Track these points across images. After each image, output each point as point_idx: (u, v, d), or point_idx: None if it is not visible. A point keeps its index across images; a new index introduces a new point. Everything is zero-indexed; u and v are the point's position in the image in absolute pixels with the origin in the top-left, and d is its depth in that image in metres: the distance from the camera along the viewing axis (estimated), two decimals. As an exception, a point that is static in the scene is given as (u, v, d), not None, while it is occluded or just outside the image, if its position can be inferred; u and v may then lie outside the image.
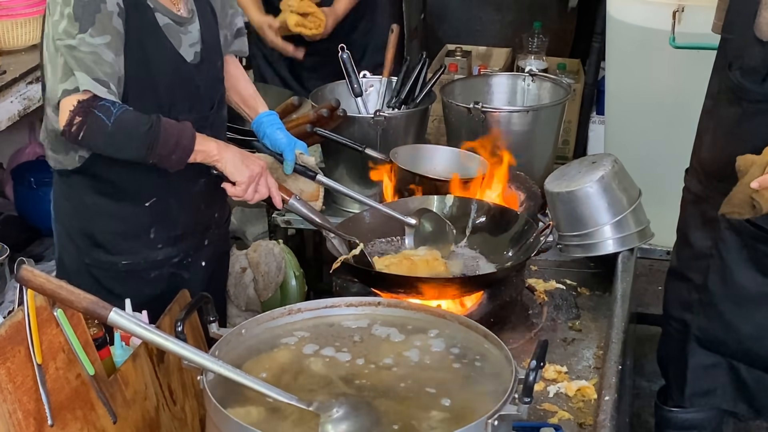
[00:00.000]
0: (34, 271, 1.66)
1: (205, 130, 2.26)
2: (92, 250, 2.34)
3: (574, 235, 2.63)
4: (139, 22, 2.15)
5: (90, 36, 2.07)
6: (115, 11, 2.11)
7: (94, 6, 2.08)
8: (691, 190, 2.54)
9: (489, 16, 5.38)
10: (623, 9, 3.05)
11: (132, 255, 2.34)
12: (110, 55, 2.09)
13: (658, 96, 3.01)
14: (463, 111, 3.04)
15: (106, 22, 2.09)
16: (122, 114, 2.10)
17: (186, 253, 2.40)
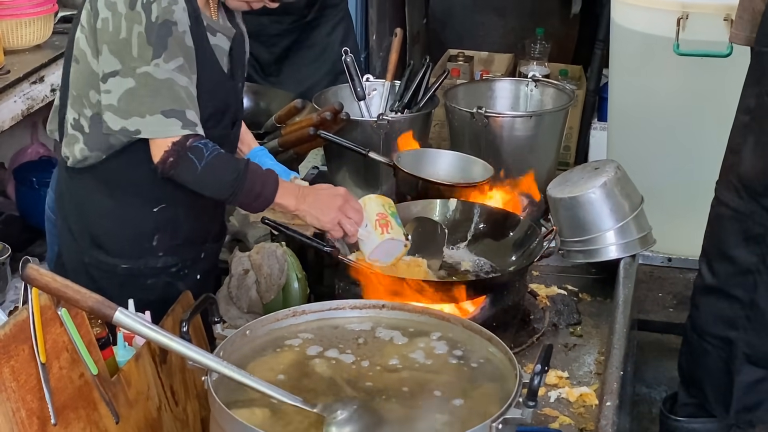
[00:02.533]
0: (40, 269, 1.66)
1: (224, 147, 2.28)
2: (93, 250, 2.34)
3: (576, 241, 2.63)
4: (198, 38, 2.16)
5: (164, 61, 2.07)
6: (187, 30, 2.11)
7: (165, 29, 2.07)
8: (729, 205, 2.52)
9: (492, 21, 5.39)
10: (627, 15, 3.05)
11: (132, 259, 2.34)
12: (184, 78, 2.10)
13: (661, 103, 3.01)
14: (467, 116, 3.04)
15: (179, 44, 2.09)
16: (213, 159, 2.13)
17: (184, 263, 2.40)
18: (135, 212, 2.29)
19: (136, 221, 2.30)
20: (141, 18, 2.06)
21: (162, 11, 2.06)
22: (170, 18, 2.07)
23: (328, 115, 2.89)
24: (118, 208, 2.29)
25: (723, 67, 2.82)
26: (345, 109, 2.95)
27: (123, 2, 2.08)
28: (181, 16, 2.09)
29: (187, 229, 2.36)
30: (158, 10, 2.06)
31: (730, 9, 2.78)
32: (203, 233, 2.43)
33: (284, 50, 3.82)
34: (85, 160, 2.25)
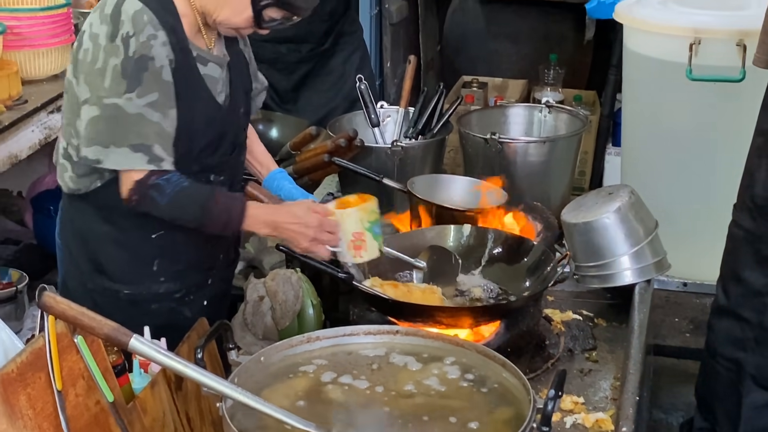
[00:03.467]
0: (57, 297, 1.68)
1: (224, 173, 2.33)
2: (96, 276, 2.36)
3: (591, 266, 2.63)
4: (184, 68, 2.18)
5: (137, 96, 2.11)
6: (165, 64, 2.13)
7: (141, 64, 2.10)
8: (743, 226, 2.52)
9: (505, 48, 5.41)
10: (640, 41, 3.06)
11: (134, 285, 2.36)
12: (156, 114, 2.13)
13: (674, 127, 3.01)
14: (480, 141, 3.05)
15: (155, 80, 2.12)
16: (176, 195, 2.17)
17: (188, 289, 2.42)
18: (133, 238, 2.32)
19: (135, 247, 2.33)
20: (119, 51, 2.10)
21: (140, 46, 2.09)
22: (148, 53, 2.10)
23: (342, 142, 2.91)
24: (117, 234, 2.32)
25: (736, 92, 2.82)
26: (359, 136, 2.97)
27: (104, 35, 2.11)
28: (160, 50, 2.12)
29: (189, 255, 2.38)
30: (136, 45, 2.09)
31: (743, 34, 2.79)
32: (209, 259, 2.44)
33: (301, 78, 3.85)
34: (78, 189, 2.28)
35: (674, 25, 2.91)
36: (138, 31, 2.09)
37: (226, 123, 2.32)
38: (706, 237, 2.92)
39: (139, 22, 2.10)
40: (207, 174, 2.31)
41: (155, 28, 2.11)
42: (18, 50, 3.07)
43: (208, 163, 2.28)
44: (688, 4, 2.98)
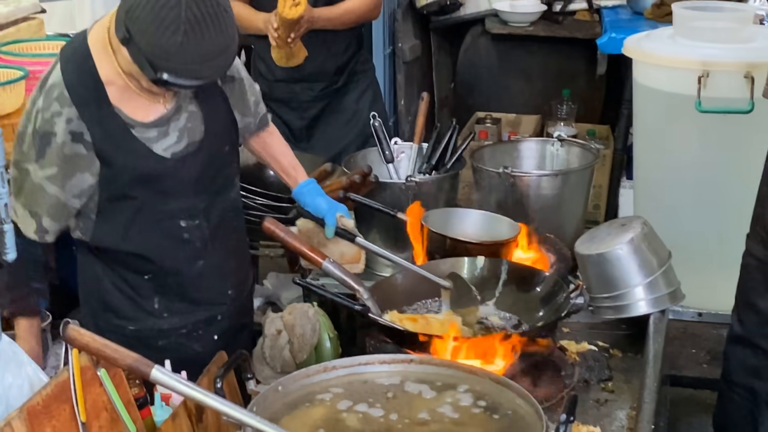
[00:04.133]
0: (80, 330, 1.72)
1: (200, 218, 2.37)
2: (104, 314, 2.42)
3: (605, 297, 2.64)
4: (110, 135, 2.24)
5: (40, 167, 2.23)
6: (68, 140, 2.21)
7: (45, 139, 2.21)
8: (755, 255, 2.55)
9: (518, 84, 5.47)
10: (649, 75, 3.10)
11: (138, 321, 2.41)
12: (53, 187, 2.24)
13: (685, 159, 3.05)
14: (493, 175, 3.09)
15: (55, 155, 2.21)
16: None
17: (195, 325, 2.45)
18: (129, 278, 2.38)
19: (134, 286, 2.39)
20: (32, 121, 2.21)
21: (43, 122, 2.19)
22: (50, 129, 2.19)
23: (357, 178, 2.95)
24: (114, 274, 2.39)
25: (745, 123, 2.86)
26: (374, 172, 3.01)
27: (31, 100, 2.24)
28: (63, 127, 2.19)
29: (189, 294, 2.42)
30: (41, 121, 2.19)
31: (751, 66, 2.83)
32: (216, 297, 2.47)
33: (315, 116, 3.91)
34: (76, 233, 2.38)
35: (683, 58, 2.95)
36: (45, 107, 2.19)
37: (183, 171, 2.33)
38: (720, 267, 2.94)
39: (49, 98, 2.19)
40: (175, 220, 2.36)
41: (62, 105, 2.18)
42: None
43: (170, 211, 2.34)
44: (695, 38, 3.02)
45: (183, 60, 2.06)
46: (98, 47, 2.23)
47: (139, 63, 2.10)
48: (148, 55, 2.07)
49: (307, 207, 2.61)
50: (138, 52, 2.08)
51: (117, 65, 2.20)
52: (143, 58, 2.08)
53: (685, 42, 3.03)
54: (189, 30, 2.03)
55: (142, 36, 2.06)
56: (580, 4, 5.16)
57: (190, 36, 2.03)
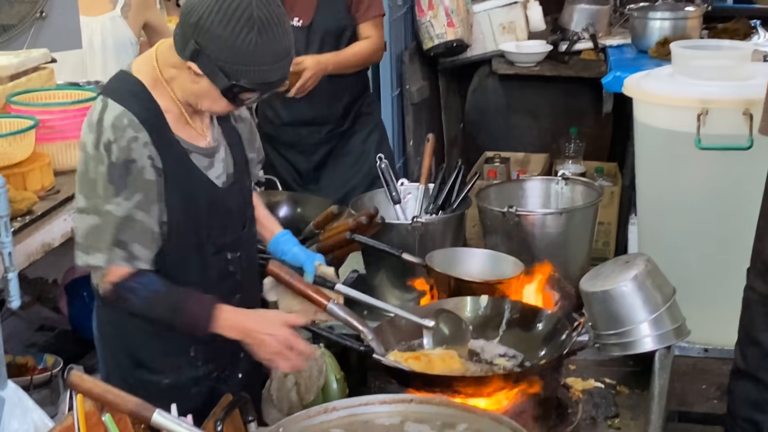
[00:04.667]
0: (83, 375, 1.75)
1: (240, 249, 2.42)
2: (135, 371, 2.41)
3: (610, 334, 2.65)
4: (175, 160, 2.28)
5: (124, 199, 2.21)
6: (147, 164, 2.22)
7: (126, 168, 2.20)
8: (756, 289, 2.56)
9: (526, 123, 5.52)
10: (649, 113, 3.13)
11: (174, 374, 2.41)
12: (140, 213, 2.23)
13: (686, 195, 3.06)
14: (498, 215, 3.11)
15: (138, 181, 2.22)
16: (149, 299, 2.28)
17: (224, 366, 2.47)
18: (166, 332, 2.36)
19: (170, 339, 2.38)
20: (103, 159, 2.19)
21: (121, 151, 2.19)
22: (129, 157, 2.19)
23: (363, 220, 2.98)
24: (151, 329, 2.37)
25: (745, 159, 2.88)
26: (381, 213, 3.04)
27: (90, 143, 2.22)
28: (142, 151, 2.21)
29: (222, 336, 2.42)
30: (118, 151, 2.19)
31: (749, 103, 2.85)
32: None
33: (322, 159, 3.96)
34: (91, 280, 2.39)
35: (682, 96, 2.97)
36: (118, 137, 2.19)
37: (230, 202, 2.40)
38: (724, 302, 2.94)
39: (119, 127, 2.19)
40: (224, 253, 2.39)
41: (136, 130, 2.20)
42: (50, 143, 3.18)
43: (222, 243, 2.36)
44: (694, 76, 3.05)
45: (257, 60, 2.12)
46: (148, 81, 2.28)
47: (210, 74, 2.15)
48: (222, 61, 2.13)
49: (285, 257, 2.63)
50: (210, 62, 2.14)
51: (172, 94, 2.27)
52: (216, 67, 2.14)
53: (684, 80, 3.06)
54: (261, 29, 2.10)
55: (216, 42, 2.11)
56: (586, 43, 5.21)
57: (263, 34, 2.10)
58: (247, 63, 2.12)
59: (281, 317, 2.35)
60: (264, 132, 4.01)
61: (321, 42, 3.76)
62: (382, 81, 4.93)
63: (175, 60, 2.24)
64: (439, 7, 5.02)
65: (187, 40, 2.15)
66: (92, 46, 4.32)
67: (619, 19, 5.40)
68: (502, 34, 5.26)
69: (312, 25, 3.76)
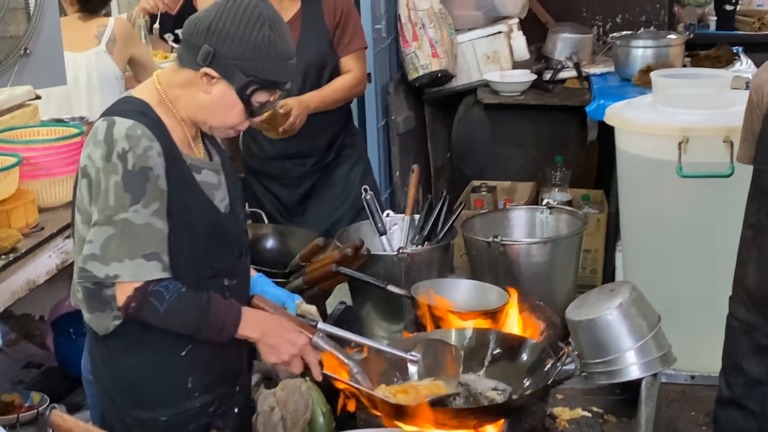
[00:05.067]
0: (64, 415, 1.75)
1: (237, 277, 2.40)
2: (132, 409, 2.38)
3: (597, 362, 2.65)
4: (179, 178, 2.26)
5: (143, 207, 2.18)
6: (162, 174, 2.21)
7: (143, 175, 2.18)
8: (738, 318, 2.57)
9: (512, 152, 5.54)
10: (631, 142, 3.16)
11: (171, 407, 2.38)
12: (160, 222, 2.21)
13: (669, 223, 3.08)
14: (483, 245, 3.13)
15: (155, 189, 2.20)
16: (175, 301, 2.23)
17: (220, 400, 2.45)
18: (165, 361, 2.35)
19: (169, 369, 2.35)
20: (118, 168, 2.17)
21: (138, 159, 2.17)
22: (146, 164, 2.18)
23: (349, 252, 2.98)
24: (148, 361, 2.34)
25: (726, 186, 2.90)
26: (367, 244, 3.04)
27: (100, 157, 2.19)
28: (157, 160, 2.19)
29: (218, 364, 2.42)
30: (134, 158, 2.17)
31: (729, 131, 2.88)
32: (235, 366, 2.48)
33: (307, 191, 3.97)
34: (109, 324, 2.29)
35: (662, 125, 3.00)
36: (134, 145, 2.17)
37: (230, 227, 2.39)
38: (710, 329, 2.94)
39: (134, 137, 2.18)
40: (221, 278, 2.37)
41: (150, 140, 2.19)
42: (35, 180, 3.17)
43: (219, 268, 2.34)
44: (675, 105, 3.07)
45: (272, 55, 2.20)
46: (152, 101, 2.29)
47: (227, 74, 2.21)
48: (239, 59, 2.19)
49: (265, 296, 2.60)
50: (226, 62, 2.19)
51: (177, 114, 2.30)
52: (232, 66, 2.20)
53: (664, 109, 3.08)
54: (272, 25, 2.20)
55: (231, 42, 2.19)
56: (570, 72, 5.25)
57: (274, 30, 2.20)
58: (263, 58, 2.20)
59: (297, 324, 2.41)
60: (248, 165, 4.03)
61: (304, 76, 3.78)
62: (367, 112, 4.96)
63: (180, 79, 2.27)
64: (424, 38, 5.06)
65: (199, 47, 2.20)
66: (77, 82, 4.33)
67: (603, 48, 5.45)
68: (487, 63, 5.29)
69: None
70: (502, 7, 5.37)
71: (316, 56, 3.79)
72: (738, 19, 6.80)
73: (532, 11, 5.68)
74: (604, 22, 5.80)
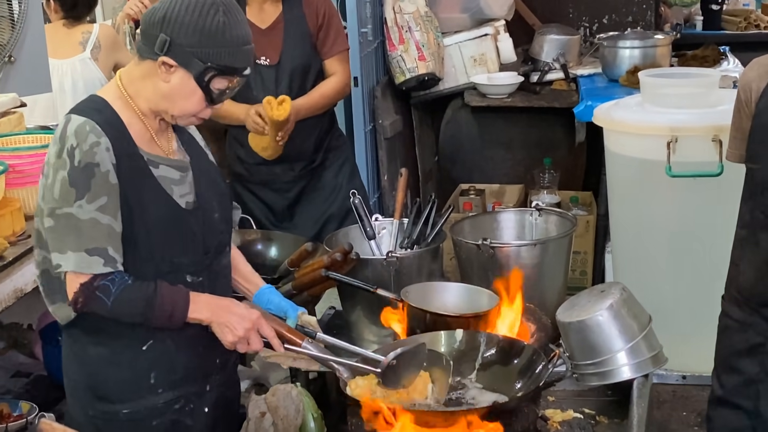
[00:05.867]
0: (53, 423, 1.74)
1: (203, 274, 2.40)
2: (95, 402, 2.39)
3: (588, 364, 2.65)
4: (133, 172, 2.28)
5: (87, 202, 2.22)
6: (110, 169, 2.24)
7: (88, 171, 2.21)
8: (732, 317, 2.57)
9: (500, 155, 5.54)
10: (620, 143, 3.16)
11: (133, 402, 2.39)
12: (106, 217, 2.23)
13: (659, 223, 3.08)
14: (473, 248, 3.12)
15: (102, 185, 2.22)
16: (121, 293, 2.25)
17: (187, 398, 2.44)
18: (126, 355, 2.36)
19: (130, 363, 2.37)
20: (66, 164, 2.22)
21: (84, 155, 2.21)
22: (92, 160, 2.21)
23: (338, 256, 2.97)
24: (110, 354, 2.36)
25: (716, 185, 2.90)
26: (356, 249, 3.03)
27: (54, 153, 2.25)
28: (104, 155, 2.22)
29: (183, 362, 2.41)
30: (80, 155, 2.21)
31: (717, 130, 2.88)
32: (203, 365, 2.47)
33: (296, 196, 3.96)
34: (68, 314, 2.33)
35: (651, 125, 3.00)
36: (81, 142, 2.21)
37: (193, 225, 2.39)
38: (701, 329, 2.95)
39: (82, 133, 2.22)
40: (182, 274, 2.37)
41: (98, 136, 2.23)
42: (21, 187, 3.15)
43: (179, 264, 2.35)
44: (663, 105, 3.08)
45: (226, 40, 2.23)
46: (111, 98, 2.33)
47: (184, 62, 2.24)
48: (194, 46, 2.23)
49: (270, 306, 2.65)
50: (182, 49, 2.23)
51: (136, 109, 2.33)
52: (188, 53, 2.23)
53: (653, 109, 3.09)
54: (226, 11, 2.24)
55: (186, 29, 2.22)
56: (557, 73, 5.25)
57: (228, 16, 2.24)
58: (218, 44, 2.23)
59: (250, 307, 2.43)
60: (235, 171, 4.02)
61: (289, 80, 3.78)
62: (354, 116, 4.95)
63: (140, 71, 2.32)
64: (410, 41, 5.05)
65: (156, 37, 2.24)
66: (63, 89, 4.32)
67: (590, 49, 5.45)
68: (474, 66, 5.29)
69: (279, 64, 3.78)
70: (488, 10, 5.37)
71: (300, 60, 3.78)
72: (724, 18, 6.83)
73: (518, 13, 5.68)
74: (591, 23, 5.81)
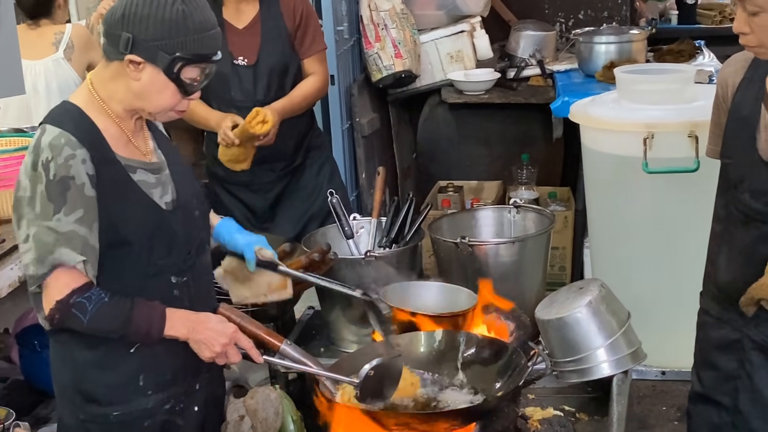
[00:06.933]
0: None
1: (187, 274, 2.40)
2: (85, 405, 2.38)
3: (567, 361, 2.65)
4: (113, 179, 2.27)
5: (65, 215, 2.20)
6: (86, 182, 2.22)
7: (64, 184, 2.20)
8: (710, 313, 2.57)
9: (478, 151, 5.53)
10: (596, 139, 3.16)
11: (123, 405, 2.38)
12: (83, 229, 2.22)
13: (636, 219, 3.08)
14: (451, 246, 3.11)
15: (77, 197, 2.21)
16: (97, 311, 2.25)
17: (177, 399, 2.44)
18: (114, 357, 2.35)
19: (118, 366, 2.36)
20: (42, 178, 2.20)
21: (59, 168, 2.19)
22: (67, 174, 2.20)
23: (316, 257, 2.96)
24: (98, 357, 2.35)
25: (692, 181, 2.90)
26: (334, 248, 3.02)
27: (30, 164, 2.23)
28: (80, 168, 2.21)
29: (172, 363, 2.40)
30: (56, 168, 2.19)
31: (694, 126, 2.88)
32: (192, 364, 2.45)
33: (277, 196, 3.94)
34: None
35: (627, 121, 3.00)
36: (56, 155, 2.20)
37: (175, 225, 2.38)
38: (679, 324, 2.96)
39: (57, 146, 2.21)
40: (167, 276, 2.37)
41: (73, 148, 2.21)
42: (-3, 191, 3.14)
43: (164, 265, 2.34)
44: (639, 101, 3.08)
45: (189, 28, 2.21)
46: (84, 104, 2.30)
47: (150, 57, 2.22)
48: (158, 39, 2.20)
49: (227, 245, 2.66)
50: (146, 45, 2.21)
51: (109, 112, 2.30)
52: (153, 47, 2.21)
53: (629, 105, 3.09)
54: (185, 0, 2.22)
55: (147, 23, 2.20)
56: (534, 69, 5.25)
57: (188, 4, 2.22)
58: (180, 33, 2.21)
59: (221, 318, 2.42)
60: (214, 173, 3.99)
61: (268, 79, 3.75)
62: (332, 115, 4.93)
63: (110, 73, 2.29)
64: (386, 38, 5.04)
65: (118, 36, 2.22)
66: (36, 90, 4.28)
67: (566, 45, 5.46)
68: (450, 63, 5.28)
69: (257, 64, 3.76)
70: (464, 6, 5.36)
71: (278, 60, 3.76)
72: (699, 12, 6.85)
73: (494, 9, 5.67)
74: (567, 19, 5.82)
